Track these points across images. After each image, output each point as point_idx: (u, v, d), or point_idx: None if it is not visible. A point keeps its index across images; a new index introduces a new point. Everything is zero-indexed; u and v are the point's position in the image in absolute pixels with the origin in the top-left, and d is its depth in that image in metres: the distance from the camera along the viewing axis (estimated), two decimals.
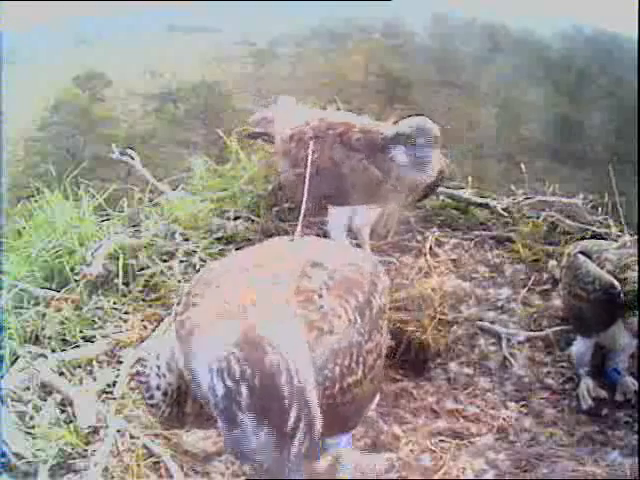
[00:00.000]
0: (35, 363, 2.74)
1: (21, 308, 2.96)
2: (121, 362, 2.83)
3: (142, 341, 2.93)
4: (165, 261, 3.30)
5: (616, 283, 2.57)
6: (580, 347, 2.83)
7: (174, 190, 3.66)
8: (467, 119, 4.29)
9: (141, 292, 3.16)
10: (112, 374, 2.79)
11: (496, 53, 4.64)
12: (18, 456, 2.44)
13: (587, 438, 2.63)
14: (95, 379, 2.77)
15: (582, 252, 2.80)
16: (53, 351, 2.83)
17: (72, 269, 3.13)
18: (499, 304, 3.19)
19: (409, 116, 3.11)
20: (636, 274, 2.55)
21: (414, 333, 2.86)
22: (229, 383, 1.56)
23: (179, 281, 3.20)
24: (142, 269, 3.23)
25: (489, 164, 3.96)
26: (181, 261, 3.30)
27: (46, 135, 4.00)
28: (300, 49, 4.70)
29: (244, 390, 1.56)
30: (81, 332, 2.94)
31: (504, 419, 2.67)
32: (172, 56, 4.48)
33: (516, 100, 4.33)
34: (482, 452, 2.54)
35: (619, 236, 3.31)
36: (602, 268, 2.65)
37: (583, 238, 3.34)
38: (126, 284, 3.14)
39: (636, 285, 2.53)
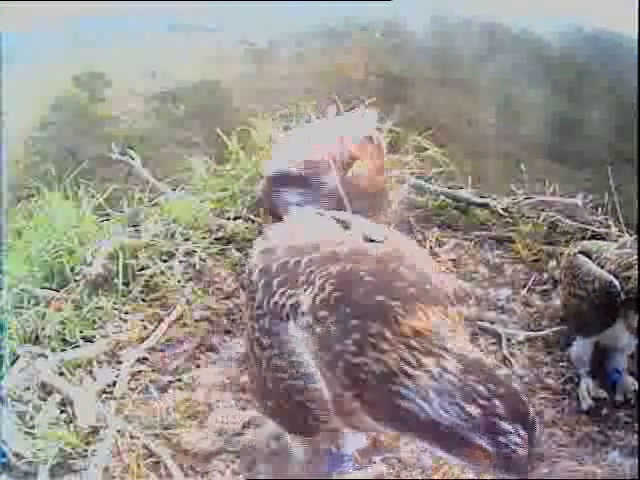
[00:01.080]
0: (35, 363, 2.75)
1: (21, 308, 2.96)
2: (121, 362, 2.84)
3: (142, 341, 2.94)
4: (165, 261, 3.30)
5: (616, 282, 2.57)
6: (580, 347, 2.83)
7: (174, 190, 3.66)
8: (467, 118, 4.29)
9: (141, 292, 3.16)
10: (112, 374, 2.79)
11: (496, 52, 4.63)
12: (18, 456, 2.45)
13: (587, 438, 2.64)
14: (95, 379, 2.77)
15: (582, 252, 2.80)
16: (53, 351, 2.84)
17: (72, 269, 3.13)
18: (499, 304, 3.20)
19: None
20: (637, 273, 2.55)
21: None
22: (482, 402, 1.52)
23: (179, 281, 3.20)
24: (142, 269, 3.23)
25: (489, 164, 3.96)
26: (181, 261, 3.30)
27: (46, 135, 4.00)
28: (300, 49, 4.69)
29: (496, 401, 1.52)
30: (81, 332, 2.94)
31: None
32: (172, 56, 4.48)
33: (516, 99, 4.32)
34: None
35: (619, 236, 3.31)
36: (602, 268, 2.65)
37: (583, 238, 3.35)
38: (126, 284, 3.15)
39: (637, 284, 2.53)
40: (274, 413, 2.01)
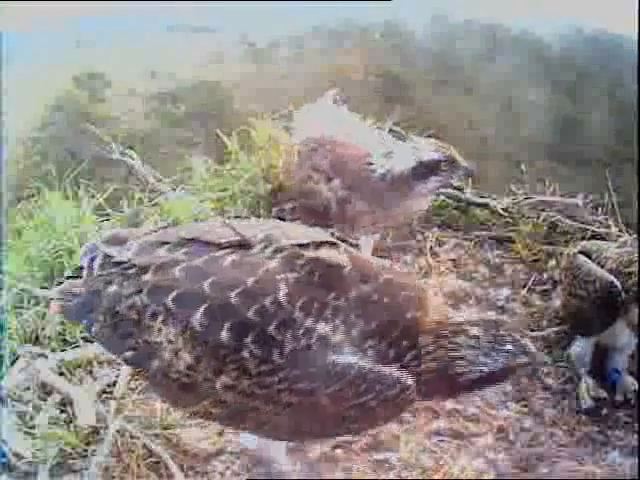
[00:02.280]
0: (35, 363, 2.75)
1: (21, 308, 2.96)
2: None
3: None
4: None
5: (617, 282, 2.57)
6: (580, 347, 2.83)
7: (174, 190, 3.66)
8: (467, 119, 4.29)
9: None
10: (112, 374, 2.79)
11: (496, 53, 4.64)
12: (18, 456, 2.45)
13: (587, 438, 2.64)
14: (95, 379, 2.77)
15: (582, 252, 2.80)
16: (53, 351, 2.83)
17: None
18: (499, 304, 3.20)
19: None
20: (637, 269, 2.54)
21: None
22: (508, 339, 2.02)
23: None
24: None
25: (489, 164, 3.96)
26: None
27: (46, 135, 4.00)
28: (300, 49, 4.70)
29: (512, 333, 2.04)
30: (81, 332, 2.93)
31: (504, 419, 2.67)
32: (172, 56, 4.48)
33: (516, 100, 4.33)
34: (482, 452, 2.55)
35: (619, 236, 3.32)
36: (603, 266, 2.65)
37: (583, 238, 3.35)
38: None
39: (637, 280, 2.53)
40: (370, 425, 2.13)
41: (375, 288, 1.97)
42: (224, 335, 1.87)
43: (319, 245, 2.01)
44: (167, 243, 2.06)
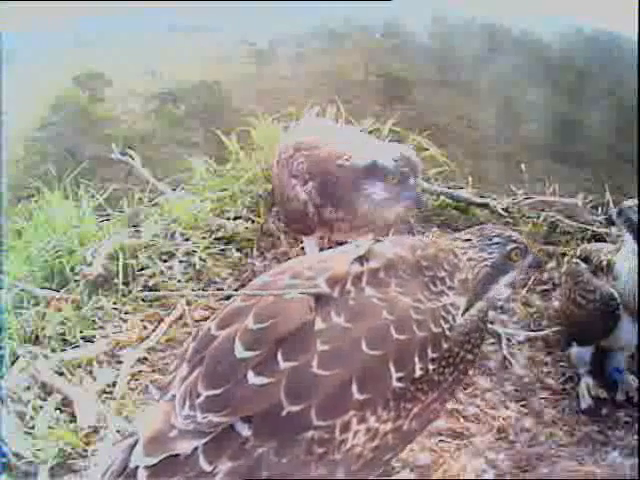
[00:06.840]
0: (35, 363, 2.75)
1: (21, 308, 2.96)
2: (121, 362, 2.84)
3: (142, 341, 2.93)
4: (165, 261, 3.30)
5: (616, 294, 2.56)
6: (580, 347, 2.82)
7: (174, 190, 3.66)
8: (467, 119, 4.29)
9: (141, 292, 3.16)
10: (112, 374, 2.79)
11: (496, 53, 4.64)
12: (18, 456, 2.45)
13: (587, 438, 2.63)
14: (95, 379, 2.77)
15: (581, 256, 2.79)
16: (53, 351, 2.84)
17: (72, 269, 3.13)
18: (499, 304, 3.20)
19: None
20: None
21: None
22: None
23: (179, 281, 3.20)
24: (142, 269, 3.23)
25: (489, 164, 3.96)
26: (181, 261, 3.30)
27: (46, 135, 4.01)
28: (300, 49, 4.71)
29: None
30: (81, 332, 2.94)
31: (504, 419, 2.67)
32: (172, 56, 4.49)
33: (516, 100, 4.34)
34: (482, 452, 2.54)
35: (619, 236, 3.31)
36: (601, 262, 2.65)
37: (583, 238, 3.35)
38: (126, 284, 3.15)
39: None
40: None
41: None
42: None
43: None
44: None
